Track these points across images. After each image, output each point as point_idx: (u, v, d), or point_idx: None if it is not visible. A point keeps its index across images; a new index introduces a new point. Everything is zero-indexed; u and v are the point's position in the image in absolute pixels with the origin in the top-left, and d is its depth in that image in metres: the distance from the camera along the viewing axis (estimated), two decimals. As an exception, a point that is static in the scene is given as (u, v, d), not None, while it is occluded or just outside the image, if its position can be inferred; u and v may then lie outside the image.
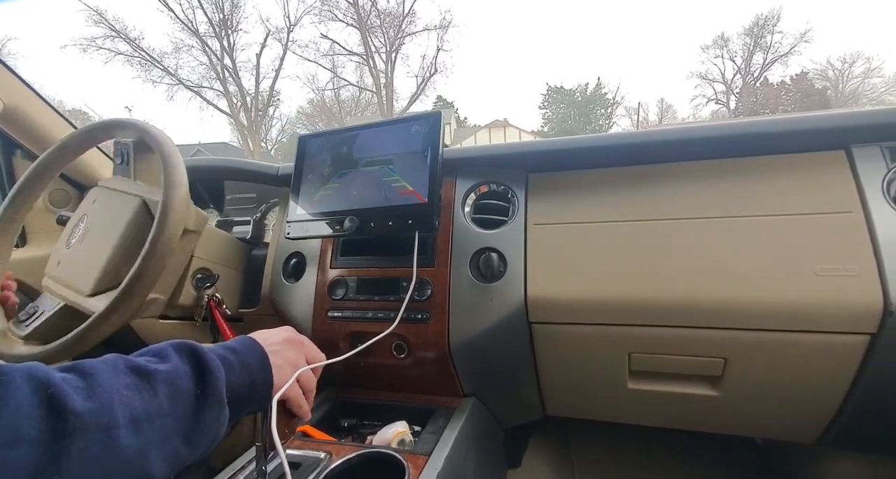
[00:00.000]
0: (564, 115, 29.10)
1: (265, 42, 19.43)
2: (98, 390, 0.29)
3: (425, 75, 20.87)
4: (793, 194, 0.62)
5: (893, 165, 0.60)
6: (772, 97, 21.04)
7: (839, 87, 21.00)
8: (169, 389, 0.33)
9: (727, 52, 22.87)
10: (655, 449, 1.06)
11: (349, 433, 0.75)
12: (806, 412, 0.67)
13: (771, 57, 21.91)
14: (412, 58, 26.33)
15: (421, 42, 26.43)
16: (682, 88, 36.54)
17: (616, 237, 0.67)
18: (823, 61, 21.87)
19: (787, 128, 0.65)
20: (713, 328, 0.62)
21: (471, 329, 0.71)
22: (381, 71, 20.45)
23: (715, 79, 23.67)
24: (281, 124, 23.81)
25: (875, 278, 0.55)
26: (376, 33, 19.75)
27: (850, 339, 0.57)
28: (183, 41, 18.21)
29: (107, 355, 0.33)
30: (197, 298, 0.79)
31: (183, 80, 18.61)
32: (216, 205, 1.10)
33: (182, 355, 0.36)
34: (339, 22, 19.54)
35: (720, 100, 23.63)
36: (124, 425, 0.29)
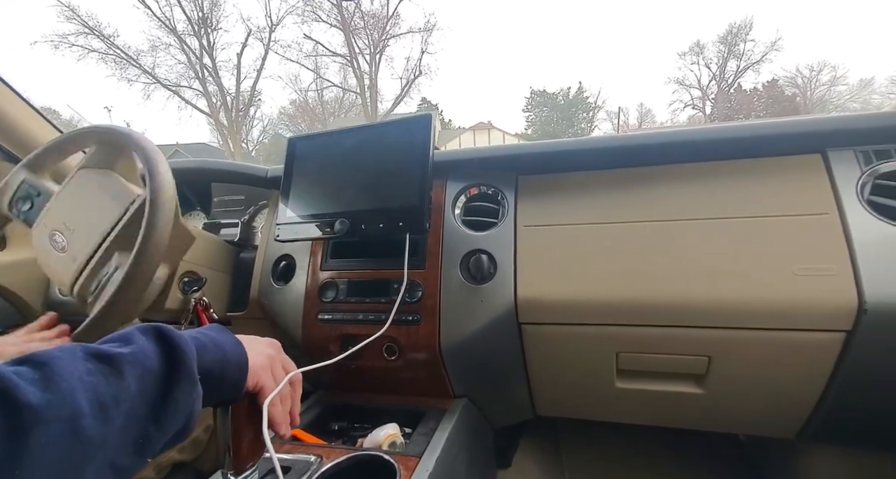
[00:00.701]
0: (548, 118, 29.53)
1: (246, 41, 18.93)
2: (55, 379, 0.27)
3: (410, 77, 20.65)
4: (772, 197, 0.64)
5: (867, 168, 0.62)
6: (745, 103, 22.01)
7: (807, 94, 22.06)
8: (136, 370, 0.32)
9: (703, 59, 23.90)
10: (643, 447, 1.08)
11: (339, 436, 0.75)
12: (786, 407, 0.69)
13: (744, 64, 22.94)
14: (396, 60, 26.24)
15: (405, 44, 26.56)
16: (661, 93, 37.91)
17: (604, 239, 0.69)
18: (793, 69, 23.07)
19: (767, 132, 0.67)
20: (698, 327, 0.64)
21: (461, 331, 0.71)
22: (365, 72, 20.28)
23: (691, 85, 24.65)
24: (262, 125, 23.41)
25: (850, 277, 0.57)
26: (360, 35, 19.55)
27: (827, 336, 0.60)
28: (160, 39, 17.64)
29: (62, 345, 0.31)
30: (184, 301, 0.78)
31: (160, 78, 18.01)
32: (203, 207, 1.09)
33: (148, 336, 0.35)
34: (322, 23, 19.28)
35: (696, 105, 24.63)
36: (90, 412, 0.28)
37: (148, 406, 0.33)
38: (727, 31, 22.68)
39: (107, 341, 0.35)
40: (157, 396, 0.33)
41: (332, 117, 22.80)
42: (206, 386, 0.38)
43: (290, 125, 23.73)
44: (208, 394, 0.38)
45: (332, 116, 22.99)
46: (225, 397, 0.43)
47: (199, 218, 1.07)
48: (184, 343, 0.36)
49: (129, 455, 0.31)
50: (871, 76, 22.50)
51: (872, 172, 0.62)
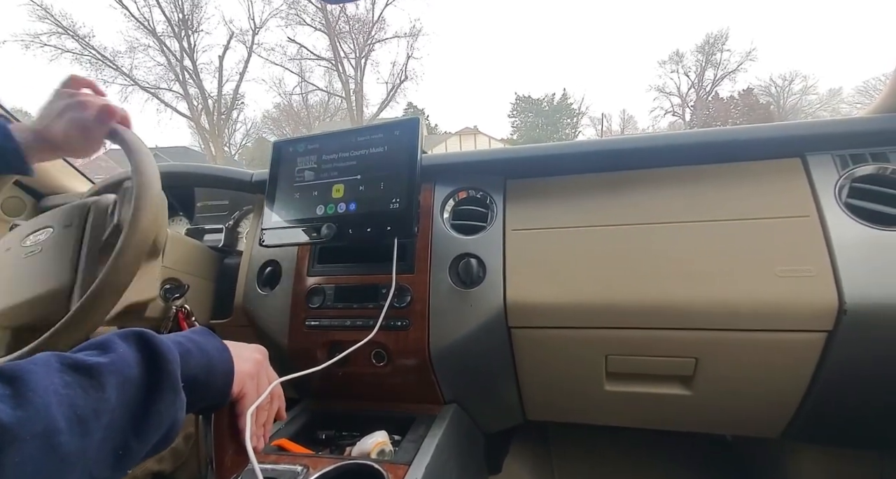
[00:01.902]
0: (533, 123, 29.97)
1: (228, 44, 18.71)
2: (29, 395, 0.26)
3: (395, 82, 20.75)
4: (754, 199, 0.65)
5: (844, 171, 0.64)
6: (722, 110, 22.97)
7: (780, 102, 23.26)
8: (116, 379, 0.31)
9: (682, 67, 24.91)
10: (633, 450, 1.08)
11: (327, 446, 0.74)
12: (771, 407, 0.70)
13: (721, 73, 24.09)
14: (382, 64, 26.69)
15: (391, 49, 26.37)
16: (643, 100, 39.78)
17: (591, 242, 0.69)
18: (767, 78, 24.53)
19: (748, 136, 0.69)
20: (685, 329, 0.65)
21: (451, 335, 0.71)
22: (351, 77, 20.19)
23: (671, 92, 25.59)
24: (246, 128, 23.11)
25: (830, 278, 0.59)
26: (345, 39, 19.53)
27: (809, 336, 0.61)
28: (139, 40, 17.25)
29: (38, 355, 0.30)
30: (165, 309, 0.76)
31: (138, 80, 17.57)
32: (186, 213, 1.06)
33: (129, 343, 0.34)
34: (306, 26, 19.15)
35: (676, 112, 25.52)
36: (67, 428, 0.27)
37: (129, 417, 0.31)
38: (705, 40, 23.92)
39: (85, 348, 0.33)
40: (139, 406, 0.32)
41: (317, 121, 22.54)
42: (190, 393, 0.36)
43: (275, 129, 23.48)
44: (192, 401, 0.37)
45: (318, 119, 22.74)
46: (209, 404, 0.42)
47: (182, 224, 1.04)
48: (167, 350, 0.35)
49: (108, 468, 0.30)
50: (840, 86, 24.44)
51: (849, 175, 0.64)
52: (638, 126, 28.42)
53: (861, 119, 0.67)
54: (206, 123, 18.51)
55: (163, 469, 0.72)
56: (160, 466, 0.72)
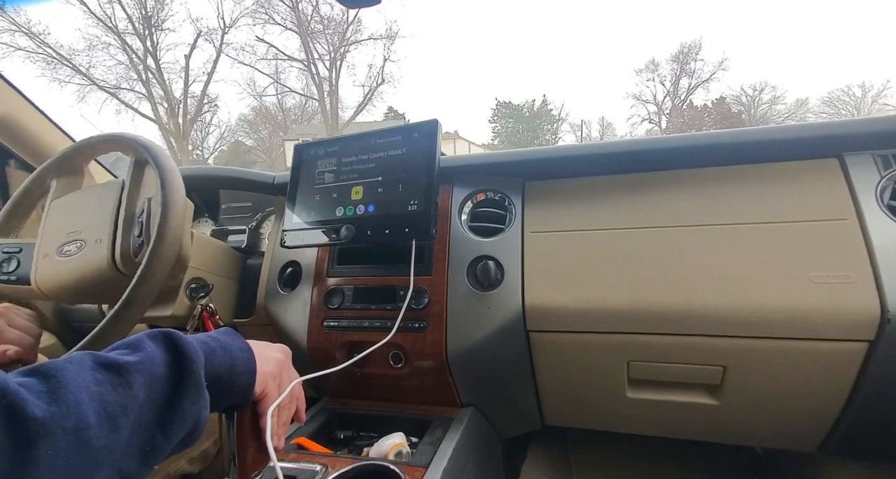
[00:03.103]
0: (513, 129, 29.80)
1: (195, 43, 17.54)
2: (61, 392, 0.28)
3: (372, 85, 20.15)
4: (788, 202, 0.62)
5: (886, 172, 0.61)
6: (697, 118, 23.29)
7: (751, 111, 23.36)
8: (145, 378, 0.32)
9: (657, 76, 25.28)
10: (655, 459, 1.05)
11: (345, 445, 0.74)
12: (805, 420, 0.66)
13: (695, 82, 24.54)
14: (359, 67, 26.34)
15: (368, 51, 26.22)
16: (620, 107, 40.60)
17: (613, 245, 0.67)
18: (738, 88, 24.67)
19: (781, 136, 0.66)
20: (712, 336, 0.62)
21: (468, 338, 0.70)
22: (325, 78, 19.48)
23: (648, 100, 25.88)
24: (220, 132, 22.12)
25: (871, 285, 0.55)
26: (319, 39, 18.83)
27: (848, 346, 0.57)
28: (98, 38, 15.76)
29: (73, 354, 0.32)
30: (190, 308, 0.78)
31: (97, 80, 16.05)
32: (211, 214, 1.10)
33: (157, 342, 0.35)
34: (277, 25, 18.18)
35: (653, 119, 25.80)
36: (97, 424, 0.28)
37: (155, 414, 0.33)
38: (679, 50, 24.45)
39: (117, 347, 0.35)
40: (165, 403, 0.33)
41: (293, 125, 21.96)
42: (213, 392, 0.38)
43: (250, 132, 22.79)
44: (215, 400, 0.38)
45: (295, 123, 22.13)
46: (232, 403, 0.43)
47: (207, 225, 1.08)
48: (192, 350, 0.36)
49: (136, 463, 0.32)
50: (806, 97, 24.98)
51: (892, 176, 0.60)
52: (616, 133, 28.81)
53: None
54: (171, 126, 17.54)
55: (192, 470, 0.75)
56: (191, 467, 0.75)
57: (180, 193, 0.63)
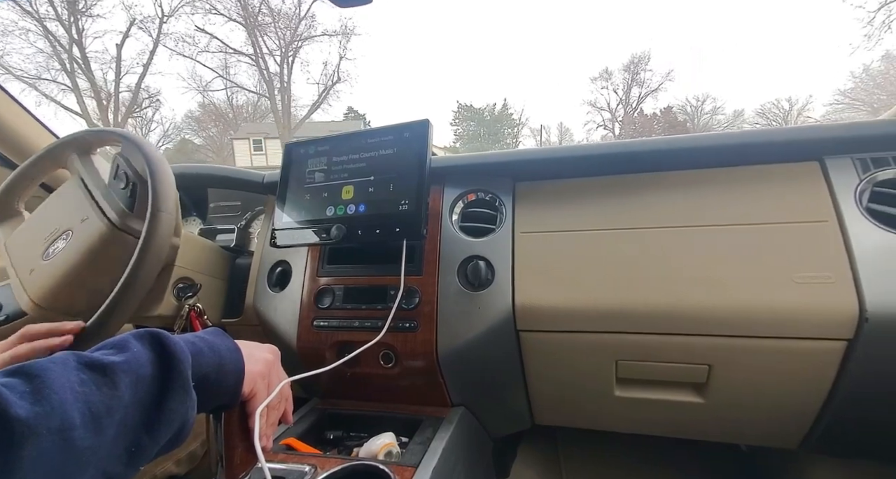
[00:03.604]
0: (475, 133, 30.16)
1: (128, 31, 16.08)
2: (46, 392, 0.27)
3: (328, 83, 19.54)
4: (770, 204, 0.64)
5: (865, 175, 0.62)
6: (647, 126, 24.72)
7: (695, 120, 25.27)
8: (130, 378, 0.32)
9: (611, 84, 26.84)
10: (643, 457, 1.06)
11: (335, 446, 0.74)
12: (788, 418, 0.68)
13: (644, 91, 26.24)
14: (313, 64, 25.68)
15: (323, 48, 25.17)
16: (577, 113, 43.36)
17: (602, 245, 0.68)
18: (683, 98, 26.76)
19: (765, 139, 0.67)
20: (697, 335, 0.63)
21: (459, 338, 0.70)
22: (276, 74, 18.52)
23: (602, 107, 27.34)
24: (163, 129, 20.58)
25: (850, 285, 0.57)
26: (268, 33, 17.83)
27: (829, 345, 0.59)
28: (16, 23, 14.16)
29: (57, 354, 0.31)
30: (177, 308, 0.77)
31: (12, 69, 14.30)
32: (199, 213, 1.08)
33: (143, 342, 0.35)
34: (220, 15, 16.95)
35: (607, 126, 27.19)
36: (81, 424, 0.28)
37: (141, 415, 0.32)
38: (630, 60, 26.06)
39: (102, 347, 0.35)
40: (151, 404, 0.33)
41: (244, 122, 21.00)
42: (200, 392, 0.37)
43: (199, 130, 21.59)
44: (203, 400, 0.38)
45: (246, 120, 21.22)
46: (220, 403, 0.43)
47: (195, 224, 1.06)
48: (179, 350, 0.36)
49: (121, 464, 0.31)
50: (742, 108, 26.87)
51: (871, 179, 0.62)
52: (574, 138, 29.91)
53: (884, 122, 0.65)
54: (102, 121, 16.12)
55: (179, 472, 0.74)
56: (177, 469, 0.74)
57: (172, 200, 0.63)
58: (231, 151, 20.36)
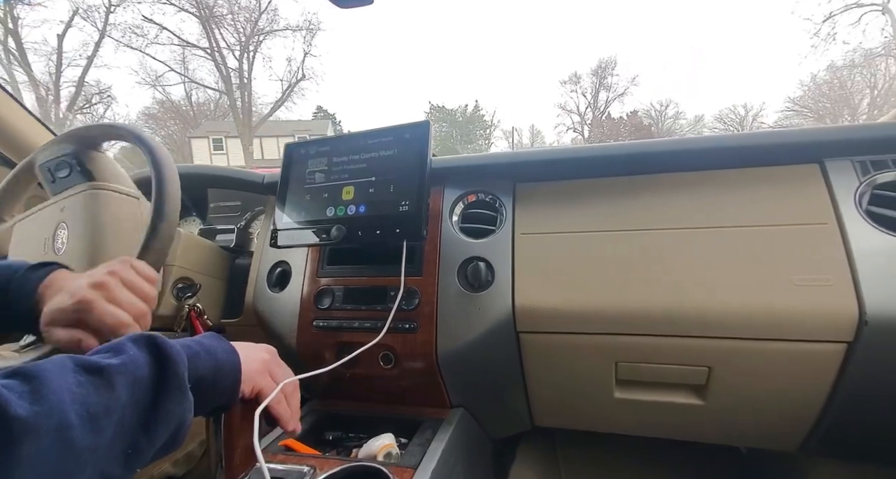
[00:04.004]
0: (447, 134, 30.24)
1: (71, 21, 14.67)
2: (45, 392, 0.28)
3: (292, 80, 18.64)
4: (770, 206, 0.64)
5: (865, 178, 0.62)
6: (614, 129, 25.53)
7: (659, 124, 26.39)
8: (127, 380, 0.32)
9: (580, 88, 27.67)
10: (642, 459, 1.06)
11: (334, 447, 0.74)
12: (787, 420, 0.68)
13: (612, 95, 27.07)
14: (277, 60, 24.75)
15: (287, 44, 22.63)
16: (548, 115, 44.67)
17: (601, 247, 0.68)
18: (648, 103, 27.97)
19: (765, 141, 0.67)
20: (697, 337, 0.63)
21: (459, 339, 0.70)
22: (234, 69, 17.39)
23: (572, 110, 28.16)
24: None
25: (850, 287, 0.57)
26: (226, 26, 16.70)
27: (828, 347, 0.59)
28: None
29: (55, 357, 0.32)
30: (177, 308, 0.77)
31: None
32: (199, 213, 1.08)
33: (139, 345, 0.36)
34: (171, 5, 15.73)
35: (577, 129, 27.94)
36: (79, 424, 0.28)
37: (138, 416, 0.33)
38: (598, 65, 26.96)
39: (98, 351, 0.35)
40: (147, 405, 0.33)
41: (204, 119, 20.05)
42: (197, 394, 0.38)
43: (157, 128, 20.42)
44: (200, 402, 0.38)
45: (206, 118, 20.23)
46: (217, 405, 0.43)
47: (195, 224, 1.06)
48: (175, 353, 0.36)
49: (118, 465, 0.32)
50: (703, 114, 28.63)
51: (870, 182, 0.62)
52: (545, 141, 30.57)
53: (883, 125, 0.66)
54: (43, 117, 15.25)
55: (177, 472, 0.74)
56: (175, 469, 0.74)
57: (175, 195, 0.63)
58: (190, 150, 19.69)
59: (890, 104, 16.26)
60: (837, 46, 18.77)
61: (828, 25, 16.86)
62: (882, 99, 16.72)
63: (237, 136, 18.12)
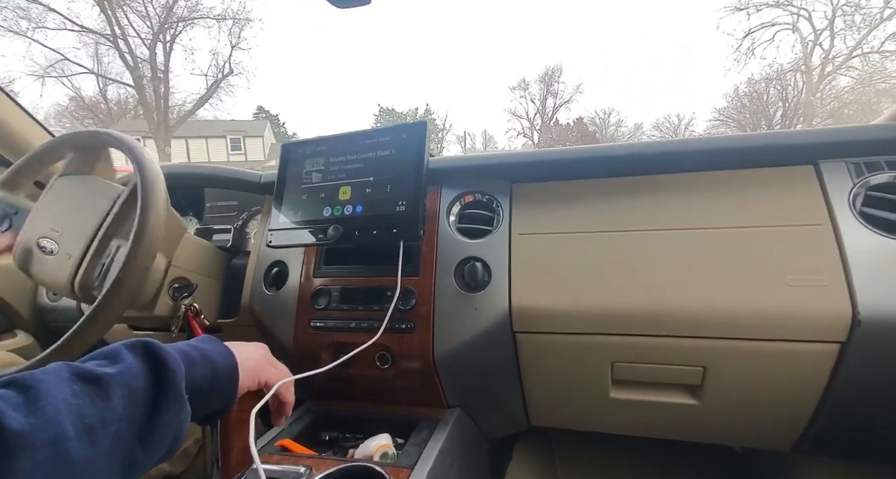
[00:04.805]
0: None
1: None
2: (40, 404, 0.27)
3: (217, 76, 16.78)
4: (765, 207, 0.64)
5: (858, 179, 0.63)
6: (562, 135, 26.16)
7: (603, 131, 27.05)
8: (123, 390, 0.32)
9: (528, 94, 28.02)
10: (638, 459, 1.06)
11: (330, 447, 0.74)
12: (781, 420, 0.68)
13: (558, 102, 27.56)
14: (203, 53, 22.67)
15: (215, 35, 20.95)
16: (500, 120, 46.73)
17: (598, 247, 0.68)
18: (593, 111, 28.76)
19: (760, 143, 0.68)
20: (692, 337, 0.63)
21: (455, 339, 0.70)
22: (144, 60, 15.05)
23: (522, 116, 28.42)
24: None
25: (844, 288, 0.57)
26: (134, 10, 14.59)
27: (821, 348, 0.59)
28: None
29: (50, 365, 0.31)
30: (174, 308, 0.77)
31: None
32: (196, 213, 1.08)
33: (136, 354, 0.35)
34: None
35: (526, 134, 28.31)
36: (75, 436, 0.28)
37: (135, 427, 0.32)
38: (545, 72, 27.32)
39: (94, 357, 0.35)
40: (144, 417, 0.33)
41: (128, 119, 17.99)
42: (194, 402, 0.37)
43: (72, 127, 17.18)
44: (196, 409, 0.38)
45: (127, 115, 18.14)
46: (214, 411, 0.43)
47: (192, 224, 1.06)
48: (172, 361, 0.36)
49: (116, 477, 0.31)
50: (642, 122, 29.47)
51: (864, 183, 0.63)
52: (498, 145, 30.78)
53: (877, 127, 0.66)
54: None
55: (173, 471, 0.73)
56: (171, 467, 0.73)
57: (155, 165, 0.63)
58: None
59: (799, 116, 17.30)
60: (756, 61, 20.13)
61: (748, 41, 18.14)
62: (792, 111, 17.78)
63: (151, 136, 16.19)
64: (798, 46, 17.16)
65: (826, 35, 16.23)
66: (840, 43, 16.01)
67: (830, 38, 16.15)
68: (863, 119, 14.10)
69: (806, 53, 16.83)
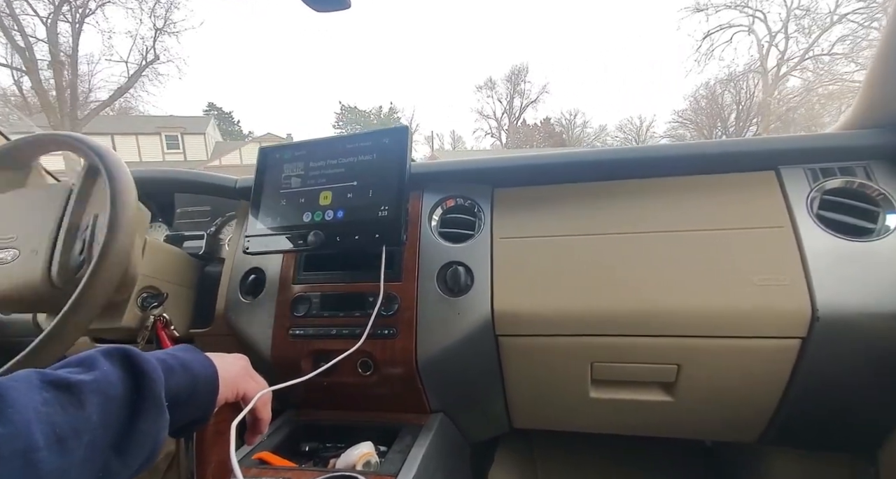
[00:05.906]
0: None
1: None
2: (8, 412, 0.26)
3: (141, 62, 14.56)
4: (732, 210, 0.68)
5: (815, 184, 0.67)
6: (529, 135, 26.84)
7: (570, 132, 27.83)
8: (99, 398, 0.30)
9: (495, 93, 28.30)
10: (617, 456, 1.09)
11: (310, 458, 0.72)
12: (748, 413, 0.72)
13: (525, 102, 27.90)
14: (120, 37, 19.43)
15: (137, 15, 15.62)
16: (467, 121, 46.04)
17: (576, 250, 0.70)
18: (559, 112, 29.81)
19: (727, 150, 0.71)
20: (666, 336, 0.66)
21: (438, 344, 0.70)
22: (42, 39, 12.45)
23: (489, 116, 28.70)
24: None
25: (803, 287, 0.61)
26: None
27: (784, 343, 0.63)
28: None
29: (19, 372, 0.29)
30: (142, 318, 0.73)
31: None
32: (165, 219, 1.03)
33: (113, 360, 0.33)
34: None
35: (494, 134, 28.73)
36: (45, 446, 0.26)
37: (111, 437, 0.30)
38: (511, 71, 27.59)
39: (67, 364, 0.33)
40: (121, 426, 0.31)
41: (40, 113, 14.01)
42: (171, 412, 0.35)
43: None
44: (172, 421, 0.36)
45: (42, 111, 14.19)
46: (192, 422, 0.41)
47: (161, 230, 1.01)
48: (151, 369, 0.34)
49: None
50: (606, 123, 31.27)
51: (820, 188, 0.67)
52: (466, 146, 31.05)
53: (829, 135, 0.71)
54: None
55: None
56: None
57: (130, 208, 0.60)
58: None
59: (752, 118, 17.98)
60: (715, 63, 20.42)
61: (707, 42, 18.45)
62: (745, 114, 18.46)
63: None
64: (755, 48, 17.71)
65: (780, 37, 16.82)
66: (794, 45, 16.62)
67: (785, 40, 16.74)
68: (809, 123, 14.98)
69: (762, 55, 17.36)
